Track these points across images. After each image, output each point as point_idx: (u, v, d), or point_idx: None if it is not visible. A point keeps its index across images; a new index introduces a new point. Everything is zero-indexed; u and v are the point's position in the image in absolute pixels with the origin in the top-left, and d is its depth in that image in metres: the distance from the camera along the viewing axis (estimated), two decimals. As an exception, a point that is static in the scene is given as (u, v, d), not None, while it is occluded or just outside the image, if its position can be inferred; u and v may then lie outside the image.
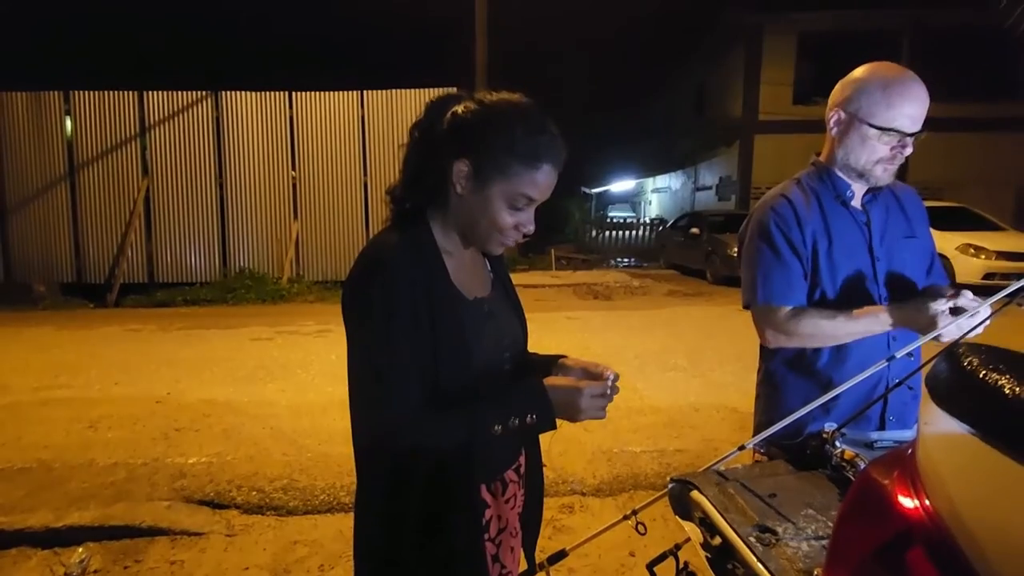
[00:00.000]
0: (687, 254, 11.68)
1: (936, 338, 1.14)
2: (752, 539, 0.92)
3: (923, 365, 1.17)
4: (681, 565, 1.32)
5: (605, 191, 24.90)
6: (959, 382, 0.40)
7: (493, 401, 0.90)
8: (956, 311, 1.15)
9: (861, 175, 1.27)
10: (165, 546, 2.36)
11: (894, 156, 1.24)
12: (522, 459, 1.05)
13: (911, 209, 1.36)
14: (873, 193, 1.33)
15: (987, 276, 7.83)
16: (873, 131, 1.22)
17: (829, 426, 1.15)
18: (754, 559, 0.88)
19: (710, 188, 16.28)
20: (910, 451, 0.48)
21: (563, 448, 3.05)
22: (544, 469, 1.15)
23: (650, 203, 23.83)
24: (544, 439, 1.07)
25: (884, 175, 1.26)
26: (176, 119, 9.60)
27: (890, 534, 0.42)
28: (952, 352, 0.44)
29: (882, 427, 1.32)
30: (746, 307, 1.38)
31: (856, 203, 1.32)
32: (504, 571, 1.01)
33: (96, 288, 9.04)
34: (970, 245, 8.18)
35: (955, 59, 11.06)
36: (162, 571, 2.22)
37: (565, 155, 0.93)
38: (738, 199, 14.05)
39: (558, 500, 2.63)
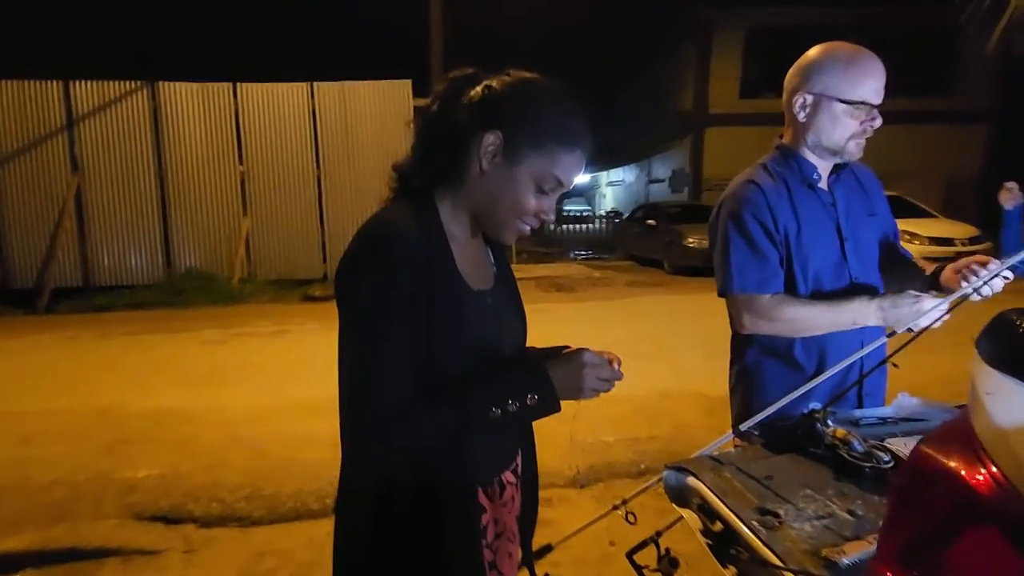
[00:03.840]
0: (645, 245, 11.89)
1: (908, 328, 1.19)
2: (755, 523, 0.90)
3: (907, 344, 1.19)
4: (663, 552, 1.31)
5: (561, 185, 25.01)
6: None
7: (490, 383, 0.83)
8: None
9: (835, 153, 1.29)
10: (116, 568, 2.19)
11: (864, 130, 1.26)
12: (518, 459, 1.00)
13: (870, 187, 1.40)
14: (836, 174, 1.35)
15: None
16: (843, 107, 1.24)
17: (814, 406, 1.16)
18: (759, 543, 0.86)
19: (663, 181, 16.63)
20: (963, 423, 0.45)
21: (537, 441, 3.01)
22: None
23: (604, 196, 24.19)
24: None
25: (857, 149, 1.28)
26: (108, 111, 8.98)
27: (953, 507, 0.40)
28: (1005, 319, 0.42)
29: (859, 405, 1.34)
30: (721, 295, 1.37)
31: (823, 185, 1.34)
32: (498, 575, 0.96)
33: (24, 294, 8.37)
34: (905, 232, 8.71)
35: (896, 56, 11.68)
36: (114, 595, 2.05)
37: (593, 146, 0.89)
38: (691, 191, 14.41)
39: (534, 493, 2.59)
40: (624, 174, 21.10)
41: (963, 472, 0.41)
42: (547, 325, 6.40)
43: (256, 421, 3.54)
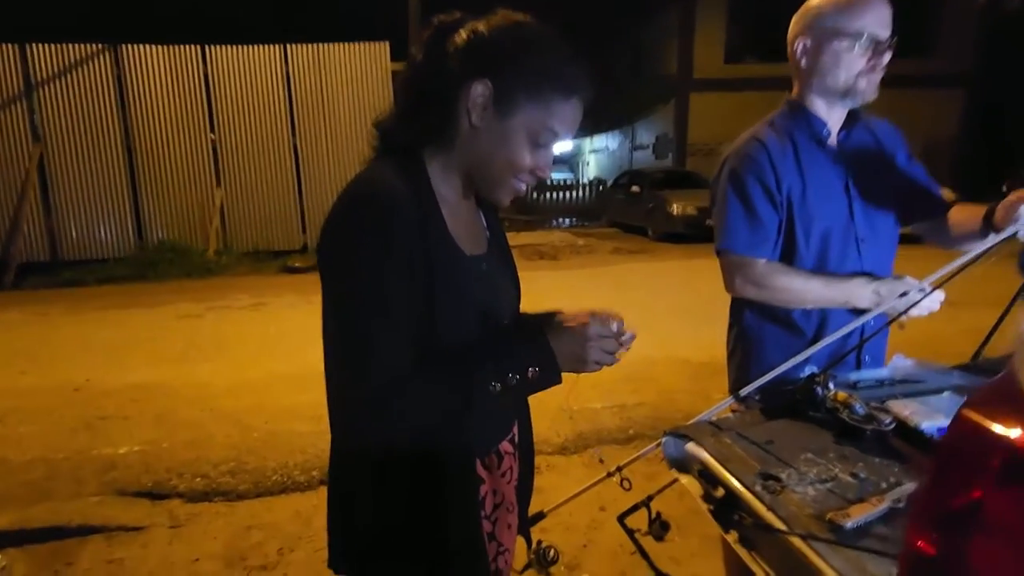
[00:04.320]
0: (628, 212, 11.85)
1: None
2: (758, 488, 0.88)
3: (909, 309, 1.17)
4: (653, 516, 1.30)
5: (544, 152, 24.71)
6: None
7: (489, 355, 0.77)
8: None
9: (846, 95, 1.22)
10: (100, 545, 2.14)
11: (873, 66, 1.19)
12: (515, 428, 0.96)
13: (887, 141, 1.32)
14: (847, 130, 1.29)
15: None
16: (845, 42, 1.17)
17: (810, 369, 1.14)
18: (763, 508, 0.84)
19: (647, 147, 16.50)
20: (1008, 383, 0.42)
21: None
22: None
23: (588, 164, 23.97)
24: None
25: (869, 88, 1.21)
26: (68, 76, 8.52)
27: (1002, 469, 0.36)
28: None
29: (858, 367, 1.33)
30: (718, 253, 1.34)
31: (832, 141, 1.28)
32: (501, 549, 0.94)
33: (-12, 270, 8.07)
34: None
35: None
36: (99, 572, 2.01)
37: (593, 93, 0.81)
38: (675, 157, 14.34)
39: (524, 461, 2.60)
40: (607, 141, 20.87)
41: (1012, 433, 0.38)
42: (530, 294, 6.29)
43: (237, 395, 3.48)
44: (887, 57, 1.19)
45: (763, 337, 1.34)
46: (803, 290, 1.22)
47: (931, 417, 0.98)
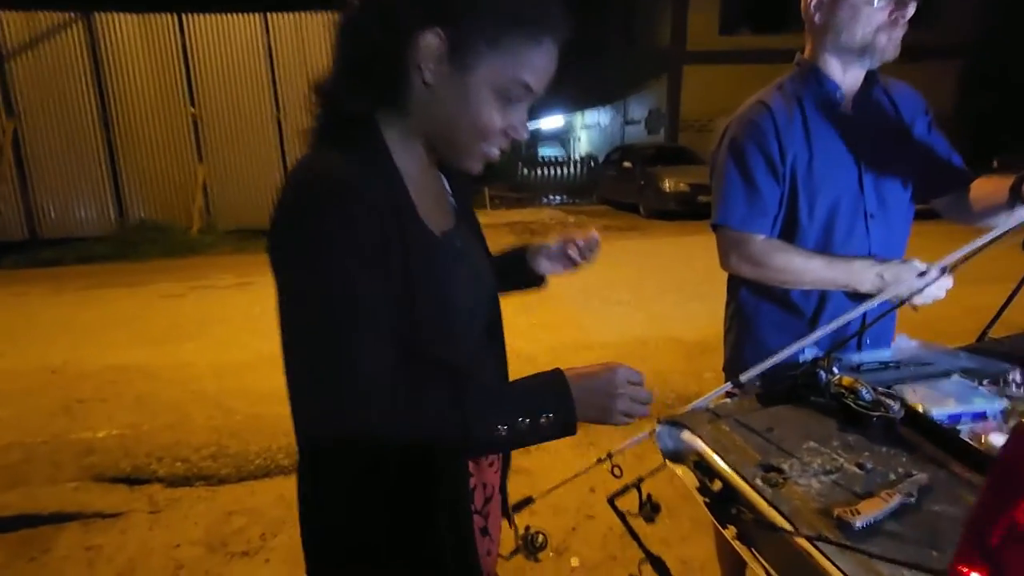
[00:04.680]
0: (620, 189, 11.73)
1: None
2: (759, 481, 0.82)
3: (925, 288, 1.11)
4: (644, 498, 1.26)
5: (535, 128, 24.42)
6: None
7: (498, 391, 0.68)
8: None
9: (863, 53, 1.12)
10: (77, 532, 2.08)
11: (894, 21, 1.09)
12: None
13: (906, 107, 1.22)
14: (863, 93, 1.19)
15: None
16: None
17: (811, 351, 1.08)
18: (765, 503, 0.78)
19: (639, 122, 16.27)
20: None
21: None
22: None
23: (579, 140, 23.67)
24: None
25: (889, 45, 1.11)
26: (40, 47, 8.17)
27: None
28: None
29: (858, 348, 1.27)
30: (713, 227, 1.26)
31: (846, 106, 1.19)
32: (491, 542, 0.87)
33: (-35, 249, 7.85)
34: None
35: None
36: (77, 559, 1.95)
37: (569, 32, 0.68)
38: (667, 132, 14.15)
39: (513, 442, 2.55)
40: (599, 116, 20.57)
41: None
42: (522, 272, 6.30)
43: (220, 376, 3.40)
44: (911, 10, 1.09)
45: (759, 316, 1.28)
46: (802, 270, 1.15)
47: (941, 403, 0.92)
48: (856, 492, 0.78)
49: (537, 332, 3.95)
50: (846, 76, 1.17)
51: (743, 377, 1.00)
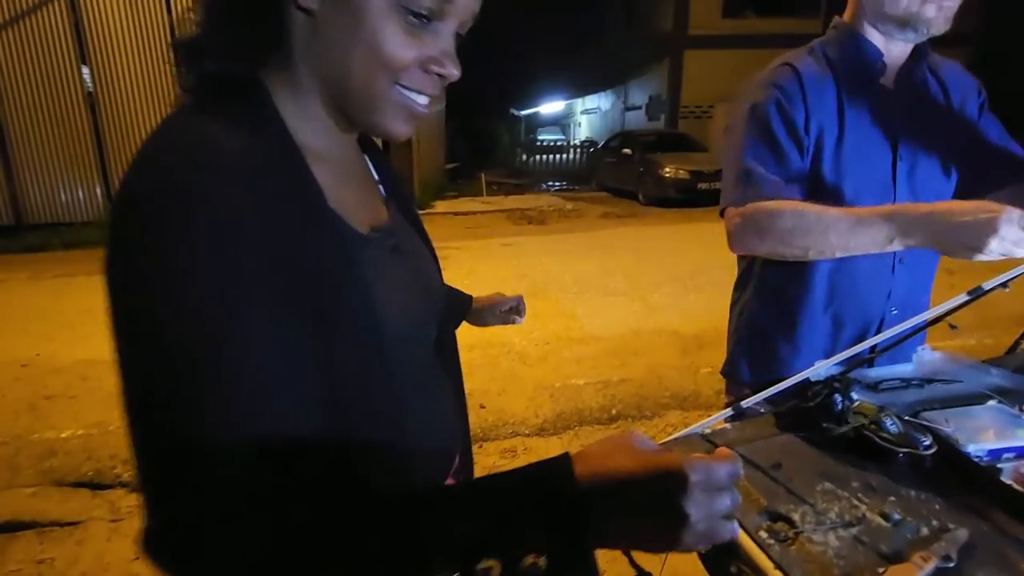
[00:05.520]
0: (619, 175, 11.52)
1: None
2: (763, 534, 0.68)
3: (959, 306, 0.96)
4: None
5: (534, 113, 24.09)
6: None
7: (472, 501, 0.41)
8: None
9: (906, 24, 0.94)
10: (31, 542, 1.95)
11: None
12: (456, 460, 0.69)
13: (956, 88, 1.04)
14: (909, 69, 1.01)
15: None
16: None
17: (826, 368, 0.93)
18: (771, 564, 0.64)
19: (640, 108, 15.98)
20: None
21: (502, 387, 2.83)
22: (482, 412, 0.83)
23: (579, 125, 23.35)
24: (482, 379, 0.74)
25: (939, 16, 0.92)
26: (21, 25, 7.91)
27: None
28: None
29: (870, 363, 1.12)
30: (722, 213, 1.03)
31: (887, 81, 1.01)
32: None
33: (-52, 234, 7.67)
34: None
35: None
36: (28, 572, 1.83)
37: None
38: (667, 119, 13.90)
39: (499, 444, 2.42)
40: (600, 101, 20.22)
41: None
42: (516, 260, 6.16)
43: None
44: None
45: (763, 317, 1.12)
46: (817, 221, 0.87)
47: (979, 436, 0.78)
48: (882, 551, 0.64)
49: (528, 323, 3.78)
50: (889, 48, 0.99)
51: (745, 404, 0.86)
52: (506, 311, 0.99)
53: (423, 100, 0.53)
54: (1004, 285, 0.80)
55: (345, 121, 0.55)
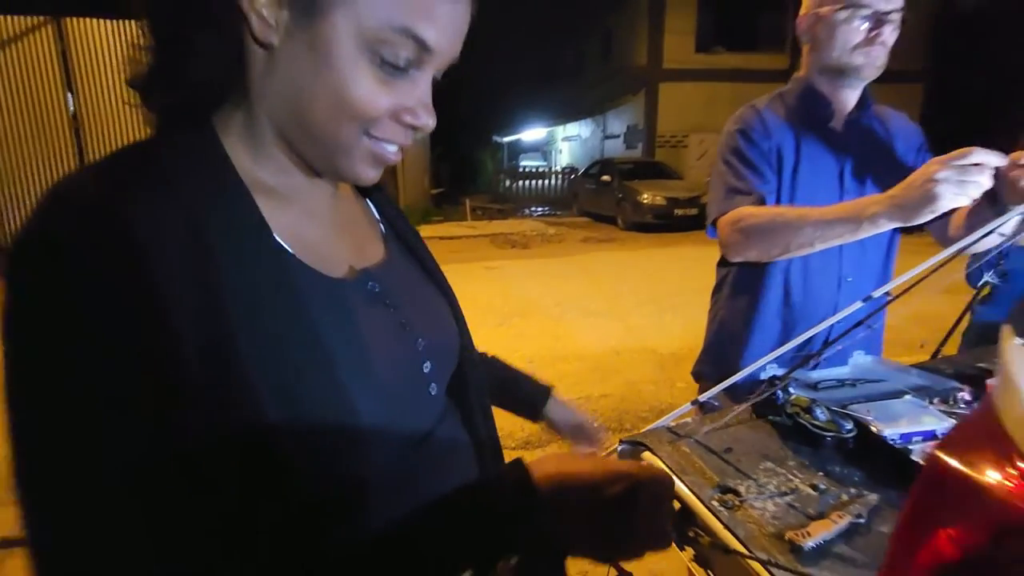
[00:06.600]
0: (599, 201, 11.85)
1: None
2: (715, 503, 0.83)
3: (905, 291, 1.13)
4: None
5: (516, 140, 24.61)
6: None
7: (443, 520, 0.41)
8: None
9: (842, 72, 1.14)
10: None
11: (871, 40, 1.10)
12: None
13: (899, 135, 1.24)
14: (856, 115, 1.21)
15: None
16: (839, 14, 1.09)
17: (772, 367, 1.09)
18: (720, 526, 0.79)
19: (619, 136, 16.51)
20: (986, 420, 0.36)
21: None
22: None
23: (560, 152, 23.91)
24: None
25: (867, 63, 1.11)
26: (9, 52, 8.00)
27: (989, 530, 0.30)
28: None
29: (815, 366, 1.29)
30: (713, 225, 1.20)
31: (836, 125, 1.20)
32: None
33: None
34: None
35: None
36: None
37: None
38: (644, 147, 14.38)
39: (486, 458, 2.53)
40: (580, 129, 20.82)
41: (996, 482, 0.32)
42: (499, 283, 6.33)
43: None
44: (889, 31, 1.10)
45: (733, 319, 1.29)
46: (795, 217, 1.04)
47: (893, 423, 0.94)
48: (809, 514, 0.79)
49: (512, 342, 3.95)
50: (836, 95, 1.18)
51: (702, 398, 1.01)
52: (580, 431, 0.99)
53: (391, 149, 0.48)
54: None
55: (308, 162, 0.49)
